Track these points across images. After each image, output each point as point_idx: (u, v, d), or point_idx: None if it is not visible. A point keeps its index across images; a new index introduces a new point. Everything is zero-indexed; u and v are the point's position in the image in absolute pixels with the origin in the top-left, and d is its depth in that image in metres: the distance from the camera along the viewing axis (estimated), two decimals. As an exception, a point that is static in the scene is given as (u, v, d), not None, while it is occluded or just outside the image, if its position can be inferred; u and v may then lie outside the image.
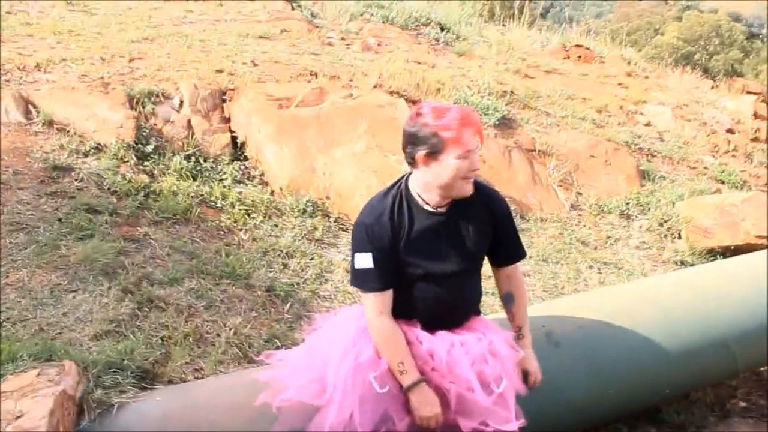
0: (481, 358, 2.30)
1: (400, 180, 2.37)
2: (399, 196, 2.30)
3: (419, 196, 2.28)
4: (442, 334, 2.36)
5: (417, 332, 2.34)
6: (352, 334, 2.35)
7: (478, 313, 2.53)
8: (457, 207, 2.31)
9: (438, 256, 2.32)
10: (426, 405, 2.20)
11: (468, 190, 2.25)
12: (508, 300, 2.54)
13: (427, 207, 2.29)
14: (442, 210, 2.31)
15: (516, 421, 2.25)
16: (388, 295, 2.29)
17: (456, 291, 2.39)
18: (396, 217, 2.27)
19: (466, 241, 2.35)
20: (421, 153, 2.17)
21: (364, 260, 2.24)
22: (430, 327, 2.36)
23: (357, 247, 2.28)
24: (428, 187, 2.25)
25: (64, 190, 4.08)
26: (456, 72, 7.32)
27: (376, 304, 2.27)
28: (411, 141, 2.19)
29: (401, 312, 2.34)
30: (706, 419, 3.44)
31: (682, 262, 5.07)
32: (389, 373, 2.26)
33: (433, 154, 2.16)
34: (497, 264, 2.53)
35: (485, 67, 7.89)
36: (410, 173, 2.33)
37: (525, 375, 2.45)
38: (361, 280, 2.28)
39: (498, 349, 2.35)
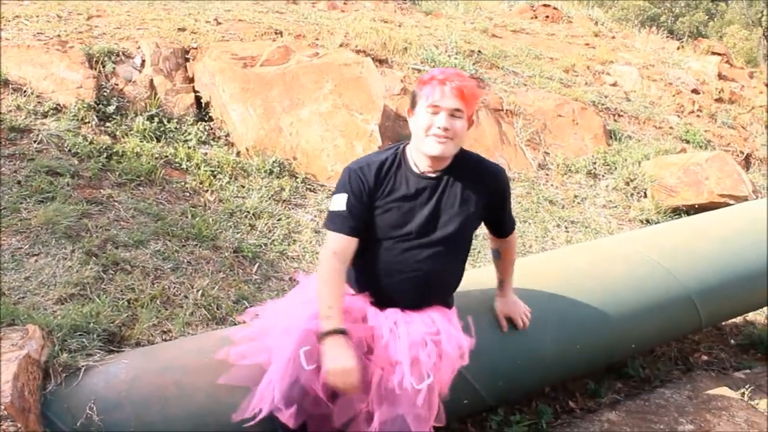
0: (421, 342, 2.20)
1: (402, 142, 2.38)
2: (394, 155, 2.31)
3: (412, 158, 2.29)
4: (390, 312, 2.26)
5: (365, 308, 2.26)
6: (297, 308, 2.28)
7: (449, 305, 2.40)
8: (448, 176, 2.27)
9: (412, 219, 2.24)
10: (336, 357, 2.04)
11: (433, 149, 2.17)
12: (495, 255, 2.62)
13: (415, 169, 2.27)
14: (432, 175, 2.26)
15: (432, 423, 2.18)
16: (350, 243, 2.23)
17: (425, 264, 2.26)
18: (384, 171, 2.27)
19: (450, 212, 2.26)
20: (408, 107, 2.29)
21: (339, 202, 2.24)
22: (383, 301, 2.28)
23: (337, 190, 2.29)
24: (413, 143, 2.27)
25: (22, 152, 3.96)
26: (423, 31, 7.26)
27: (335, 243, 2.23)
28: None
29: (360, 279, 2.31)
30: (671, 373, 3.52)
31: (647, 221, 5.15)
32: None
33: (412, 106, 2.25)
34: (492, 234, 2.55)
35: (452, 26, 7.84)
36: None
37: (510, 322, 2.63)
38: (330, 220, 2.27)
39: (444, 345, 2.23)
